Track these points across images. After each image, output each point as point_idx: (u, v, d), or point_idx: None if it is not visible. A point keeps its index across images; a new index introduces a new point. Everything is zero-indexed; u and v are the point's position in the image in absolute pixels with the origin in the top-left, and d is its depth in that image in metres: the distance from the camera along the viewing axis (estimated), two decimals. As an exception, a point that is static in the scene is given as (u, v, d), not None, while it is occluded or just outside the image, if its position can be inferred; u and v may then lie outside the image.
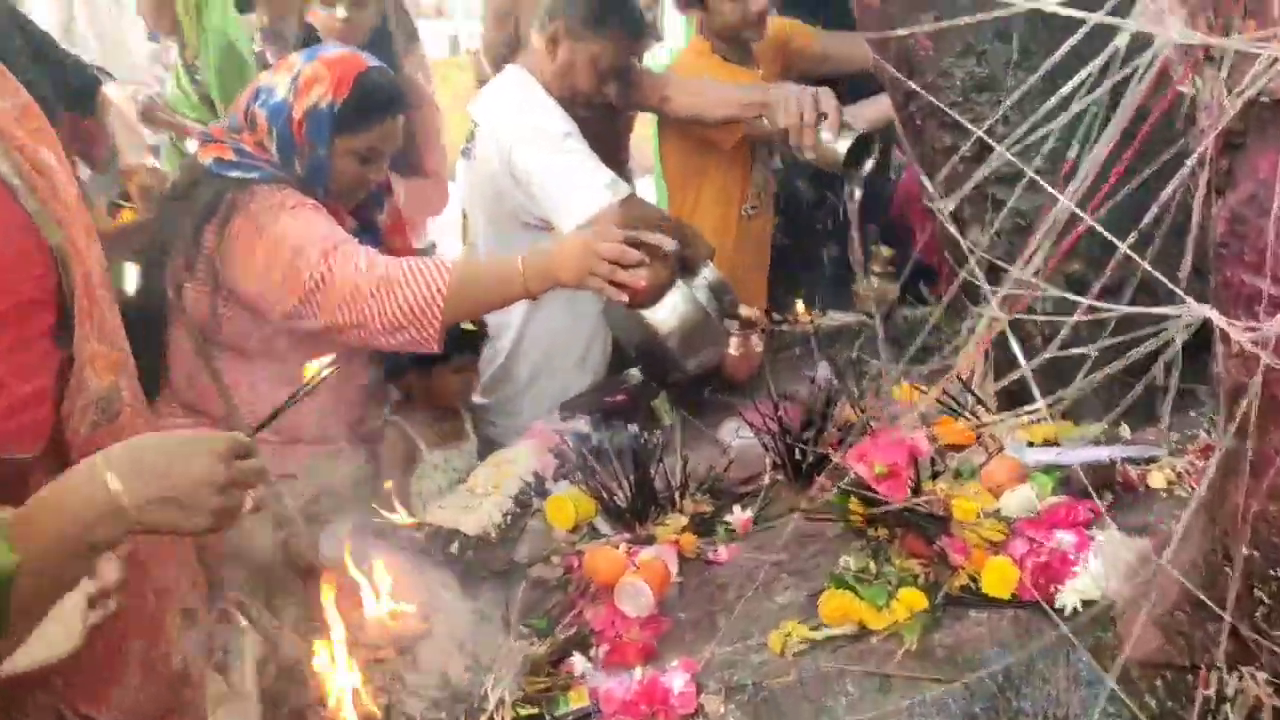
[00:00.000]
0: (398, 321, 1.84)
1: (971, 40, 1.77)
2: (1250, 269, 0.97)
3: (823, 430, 1.97)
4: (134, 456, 1.05)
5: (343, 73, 1.94)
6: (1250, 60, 0.93)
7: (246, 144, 1.96)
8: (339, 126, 1.93)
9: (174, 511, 1.05)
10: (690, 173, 2.83)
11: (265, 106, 1.95)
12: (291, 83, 1.94)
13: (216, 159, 1.96)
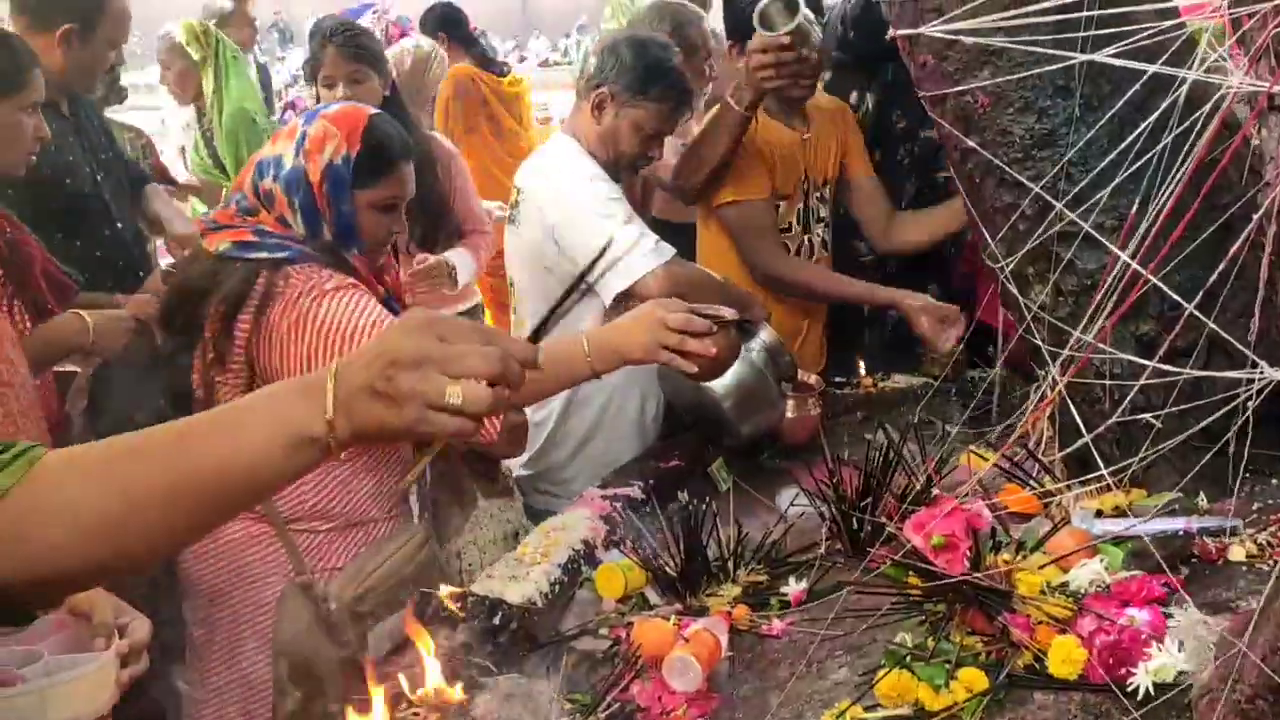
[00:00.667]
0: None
1: (1031, 97, 1.72)
2: (1326, 329, 0.90)
3: (880, 498, 1.89)
4: (356, 351, 0.95)
5: (350, 125, 1.91)
6: (1318, 107, 0.87)
7: (266, 224, 1.91)
8: (358, 179, 1.90)
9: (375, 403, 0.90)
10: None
11: (278, 179, 1.90)
12: (298, 148, 1.90)
13: (234, 243, 1.89)
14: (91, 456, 0.92)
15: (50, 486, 0.87)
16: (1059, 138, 1.70)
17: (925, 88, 1.88)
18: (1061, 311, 1.75)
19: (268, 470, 0.91)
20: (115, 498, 0.87)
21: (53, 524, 0.86)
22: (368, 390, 0.90)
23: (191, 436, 0.92)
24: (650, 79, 2.44)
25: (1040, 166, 1.73)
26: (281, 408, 0.92)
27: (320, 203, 1.90)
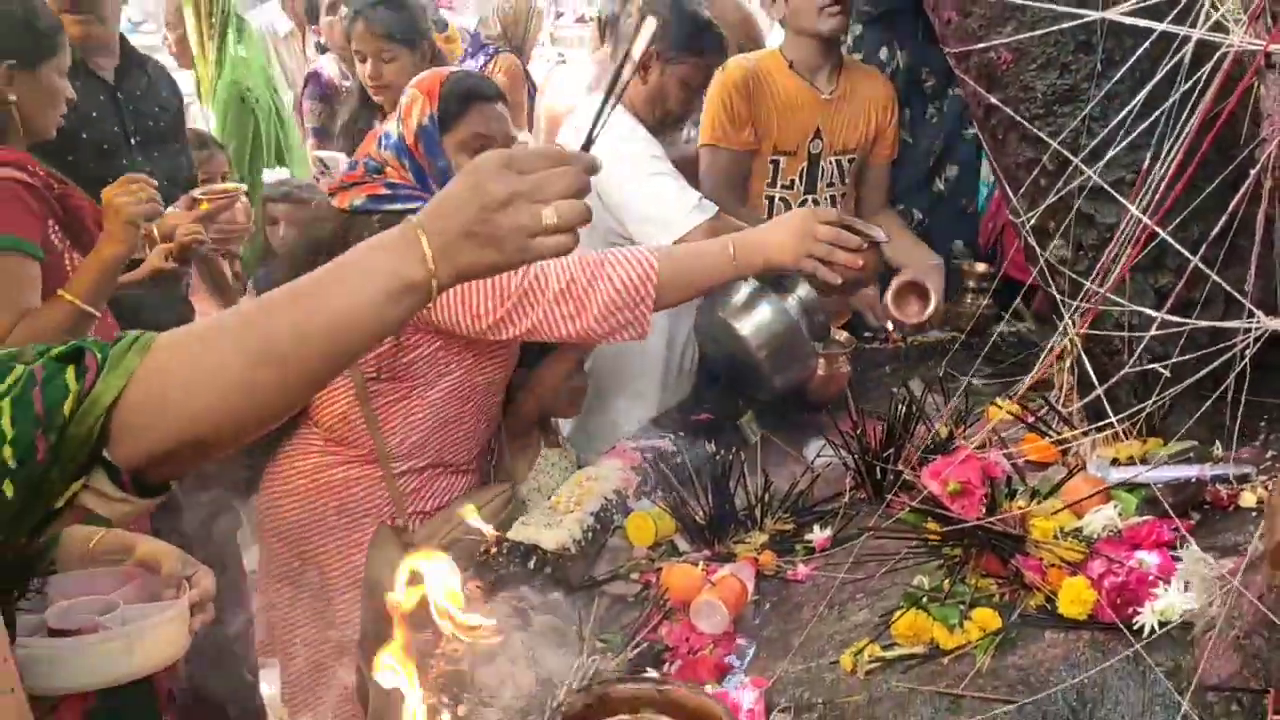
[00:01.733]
0: (614, 303, 1.88)
1: (1053, 53, 1.74)
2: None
3: (903, 448, 1.94)
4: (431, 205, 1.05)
5: (430, 86, 2.05)
6: (1312, 64, 0.91)
7: (395, 178, 2.03)
8: (442, 128, 2.01)
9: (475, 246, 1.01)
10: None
11: (389, 148, 2.04)
12: (398, 119, 2.05)
13: (369, 196, 2.01)
14: (205, 330, 1.02)
15: (174, 363, 0.96)
16: (1080, 93, 1.72)
17: (950, 44, 1.90)
18: (1081, 265, 1.77)
19: (376, 316, 1.01)
20: (235, 362, 0.96)
21: (180, 394, 0.95)
22: (465, 234, 1.00)
23: (303, 293, 1.01)
24: (692, 35, 2.49)
25: (1062, 122, 1.75)
26: (382, 260, 1.02)
27: (422, 162, 2.02)
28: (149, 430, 0.94)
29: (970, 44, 1.83)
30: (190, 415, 0.96)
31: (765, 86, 2.69)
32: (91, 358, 0.94)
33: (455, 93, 2.04)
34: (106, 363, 0.95)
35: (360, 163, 2.08)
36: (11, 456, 0.87)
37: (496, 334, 1.95)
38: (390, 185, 2.02)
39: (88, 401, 0.91)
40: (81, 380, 0.92)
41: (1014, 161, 1.86)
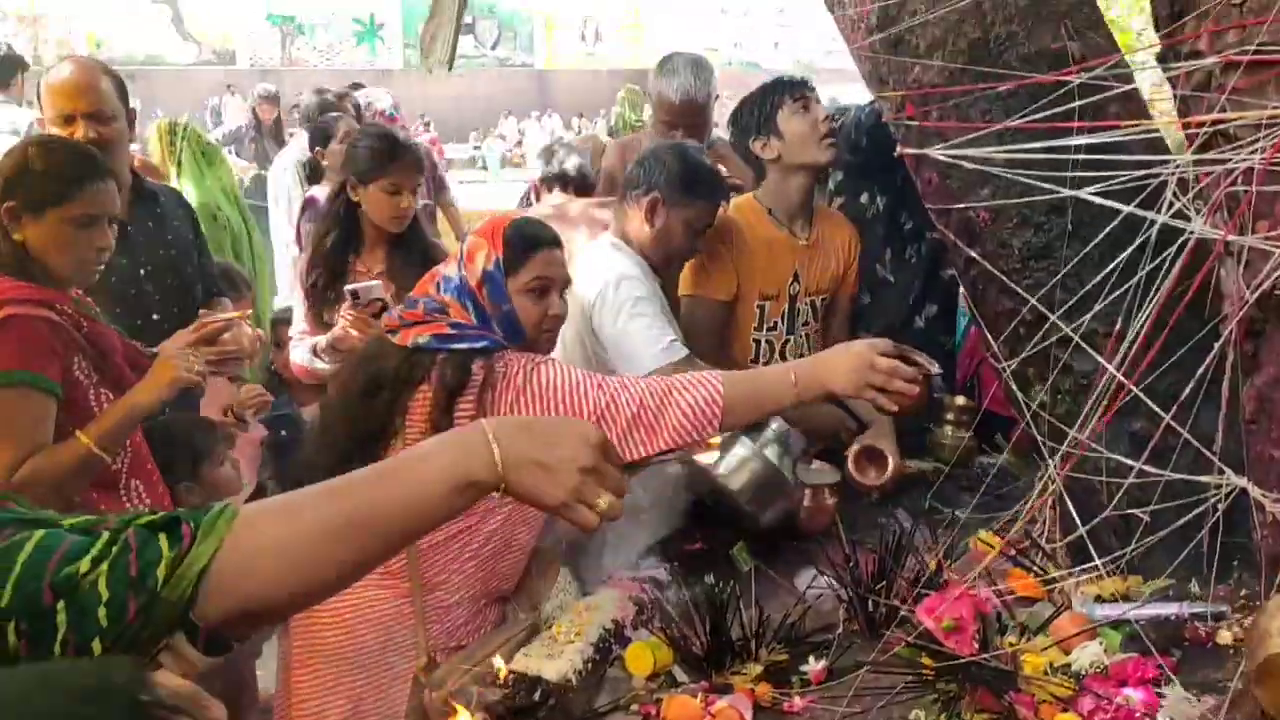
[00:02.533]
0: (683, 428, 1.98)
1: (1028, 213, 1.88)
2: (1278, 444, 1.04)
3: (894, 582, 2.01)
4: (518, 422, 1.21)
5: (493, 231, 2.14)
6: (1266, 255, 1.02)
7: (459, 318, 2.10)
8: (507, 272, 2.10)
9: (539, 476, 1.16)
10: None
11: (449, 291, 2.11)
12: (460, 262, 2.12)
13: (434, 335, 2.07)
14: (287, 505, 1.11)
15: (259, 533, 1.05)
16: (1054, 250, 1.86)
17: (931, 201, 2.05)
18: (1060, 409, 1.89)
19: (444, 505, 1.13)
20: (315, 534, 1.07)
21: (265, 561, 1.04)
22: (538, 464, 1.16)
23: (378, 478, 1.14)
24: (695, 181, 2.65)
25: (1037, 276, 1.88)
26: (453, 456, 1.14)
27: (486, 306, 2.10)
28: (231, 595, 1.02)
29: (950, 203, 1.97)
30: (272, 582, 1.05)
31: (746, 235, 2.84)
32: (188, 527, 1.03)
33: (523, 237, 2.14)
34: (199, 530, 1.03)
35: (420, 302, 2.14)
36: (105, 617, 0.94)
37: None
38: (455, 325, 2.09)
39: (183, 566, 1.00)
40: (176, 547, 1.01)
41: (993, 310, 1.99)
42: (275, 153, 8.89)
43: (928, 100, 1.91)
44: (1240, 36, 1.01)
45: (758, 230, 2.85)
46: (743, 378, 2.12)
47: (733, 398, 2.00)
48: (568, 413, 1.99)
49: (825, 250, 2.92)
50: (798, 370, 2.05)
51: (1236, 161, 1.02)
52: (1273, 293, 1.02)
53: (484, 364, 2.04)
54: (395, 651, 2.14)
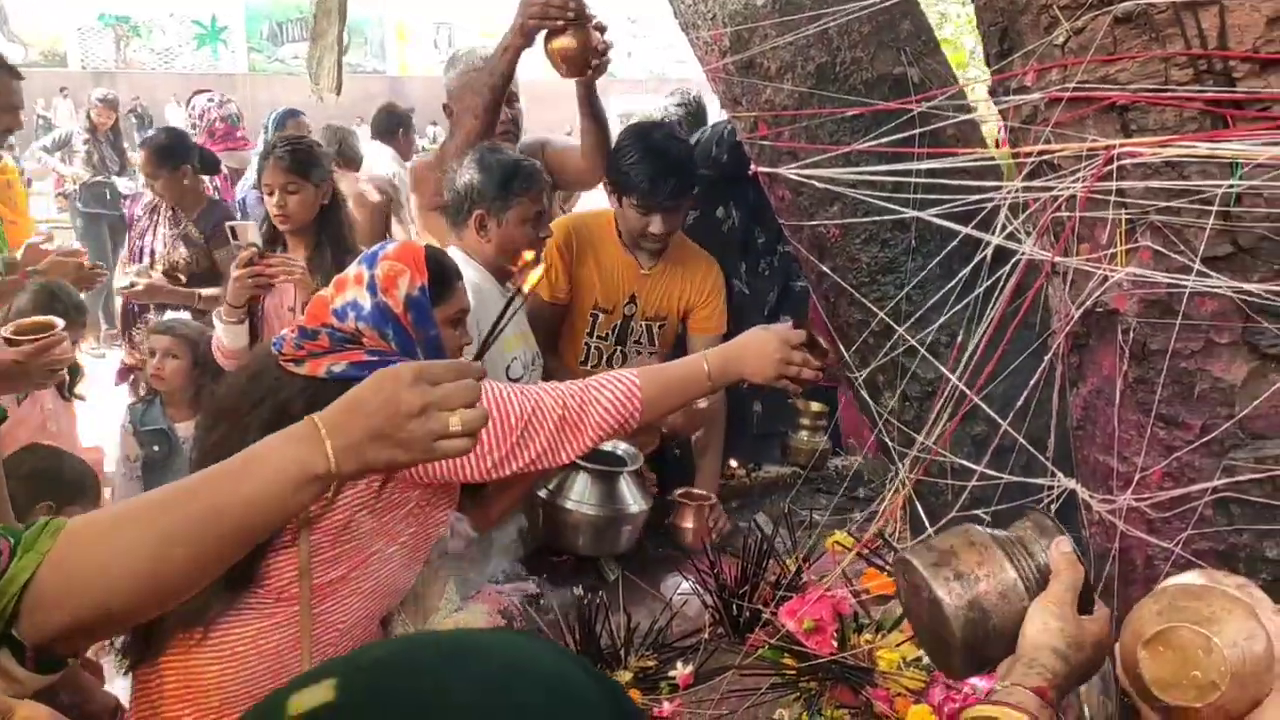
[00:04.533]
0: (605, 426, 2.02)
1: (874, 229, 1.98)
2: (1101, 449, 1.13)
3: (757, 586, 2.08)
4: (340, 404, 1.17)
5: (413, 258, 2.09)
6: (1088, 275, 1.11)
7: (373, 346, 2.04)
8: (435, 302, 2.07)
9: (383, 447, 1.14)
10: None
11: (362, 318, 2.04)
12: (372, 289, 2.05)
13: (351, 364, 2.01)
14: (118, 513, 1.09)
15: (86, 544, 1.03)
16: (899, 265, 1.96)
17: (784, 217, 2.13)
18: (908, 415, 1.98)
19: (282, 503, 1.11)
20: (149, 542, 1.04)
21: (96, 574, 1.02)
22: (374, 437, 1.14)
23: (210, 483, 1.11)
24: (509, 179, 2.65)
25: (884, 289, 1.98)
26: (291, 453, 1.12)
27: (409, 330, 2.05)
28: (58, 609, 1.00)
29: (801, 219, 2.05)
30: (102, 593, 1.02)
31: (590, 250, 2.90)
32: (5, 543, 1.00)
33: (444, 271, 2.13)
34: (19, 547, 1.00)
35: (322, 332, 2.05)
36: None
37: (499, 471, 2.02)
38: (373, 353, 2.03)
39: (1, 583, 0.97)
40: None
41: (845, 321, 2.08)
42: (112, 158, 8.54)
43: (779, 121, 1.99)
44: (1062, 75, 1.09)
45: (604, 248, 2.91)
46: (657, 371, 2.17)
47: (650, 391, 2.06)
48: (496, 423, 2.00)
49: (668, 282, 2.96)
50: (711, 360, 2.11)
51: (1060, 189, 1.10)
52: (1094, 310, 1.11)
53: None
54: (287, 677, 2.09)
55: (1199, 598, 0.92)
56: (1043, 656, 1.02)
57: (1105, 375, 1.13)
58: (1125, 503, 1.10)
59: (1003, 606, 1.08)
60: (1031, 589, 1.07)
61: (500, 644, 0.70)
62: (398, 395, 1.14)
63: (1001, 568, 1.09)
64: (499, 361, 2.63)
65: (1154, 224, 1.06)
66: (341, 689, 0.62)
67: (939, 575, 1.10)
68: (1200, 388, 1.06)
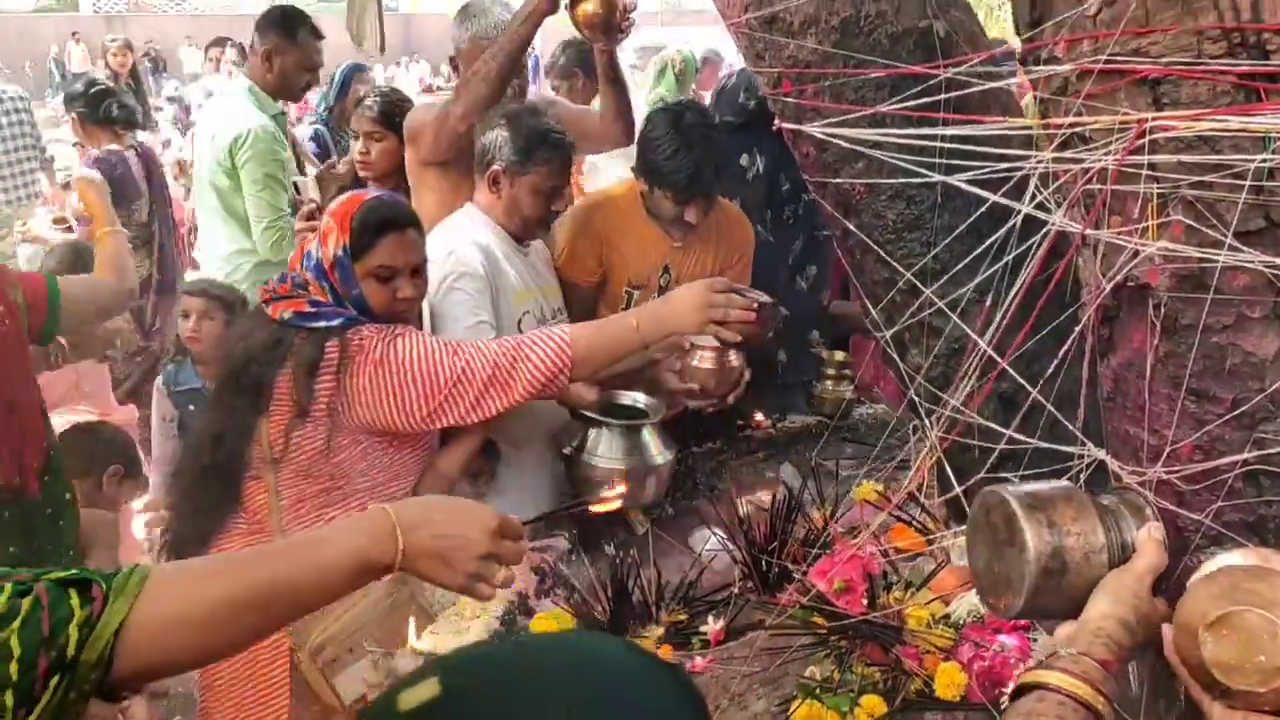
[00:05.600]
0: (536, 382, 2.11)
1: (900, 186, 1.96)
2: (1132, 421, 1.14)
3: (785, 542, 2.11)
4: (421, 511, 1.26)
5: (344, 214, 2.18)
6: (1119, 248, 1.11)
7: (318, 295, 2.16)
8: (354, 258, 2.15)
9: (438, 566, 1.25)
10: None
11: (310, 269, 2.17)
12: (319, 241, 2.18)
13: (295, 312, 2.15)
14: (199, 570, 1.18)
15: (170, 595, 1.09)
16: (925, 221, 1.94)
17: (808, 174, 2.11)
18: (934, 372, 1.98)
19: (340, 581, 1.21)
20: (223, 603, 1.11)
21: (173, 626, 1.09)
22: (435, 554, 1.25)
23: (283, 555, 1.21)
24: (532, 146, 2.63)
25: (910, 245, 1.97)
26: (359, 543, 1.22)
27: (338, 287, 2.16)
28: (141, 656, 1.06)
29: (826, 176, 2.04)
30: (179, 645, 1.09)
31: (618, 228, 2.86)
32: (99, 588, 1.06)
33: (367, 224, 2.16)
34: (111, 592, 1.06)
35: (289, 276, 2.20)
36: (16, 671, 0.96)
37: (430, 424, 2.13)
38: (313, 303, 2.15)
39: (98, 628, 1.03)
40: (88, 606, 1.04)
41: (871, 279, 2.07)
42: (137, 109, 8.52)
43: (803, 78, 1.96)
44: (1094, 46, 1.08)
45: (632, 222, 2.87)
46: (587, 328, 2.24)
47: (580, 348, 2.12)
48: (426, 380, 2.09)
49: (703, 249, 2.92)
50: (640, 315, 2.17)
51: (1091, 162, 1.09)
52: (1125, 284, 1.11)
53: (337, 341, 2.11)
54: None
55: (1262, 579, 0.93)
56: (1110, 627, 1.04)
57: (1136, 348, 1.13)
58: (1156, 474, 1.10)
59: (1082, 567, 1.10)
60: (1113, 560, 1.10)
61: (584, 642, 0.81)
62: (476, 536, 1.27)
63: (1094, 530, 1.11)
64: (509, 314, 2.65)
65: (1186, 198, 1.05)
66: (444, 684, 0.69)
67: (1032, 517, 1.12)
68: (1231, 362, 1.06)
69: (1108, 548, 1.10)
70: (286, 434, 2.13)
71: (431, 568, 1.25)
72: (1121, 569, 1.09)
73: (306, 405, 2.11)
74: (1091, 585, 1.09)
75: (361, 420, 2.15)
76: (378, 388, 2.11)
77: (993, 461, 1.71)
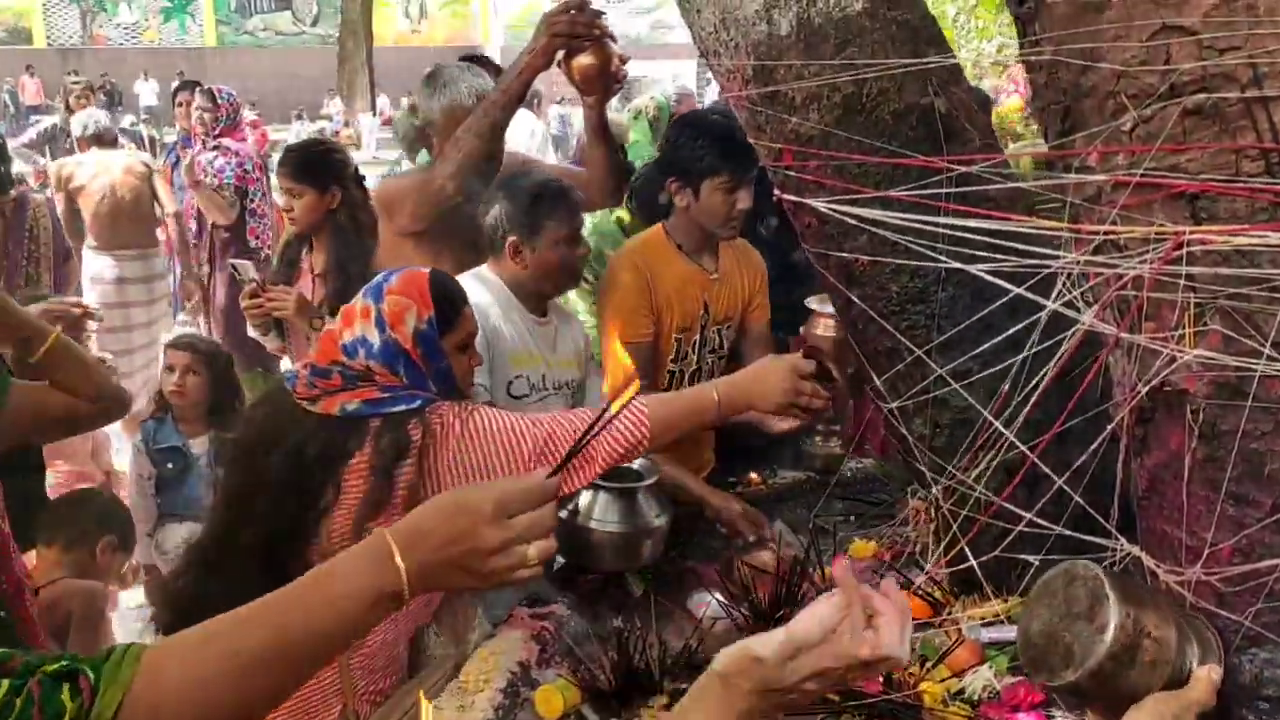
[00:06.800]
0: (616, 454, 2.07)
1: (904, 260, 1.99)
2: (1169, 522, 1.16)
3: (791, 608, 2.11)
4: (413, 528, 1.15)
5: (419, 290, 2.11)
6: (1154, 352, 1.13)
7: (388, 382, 2.06)
8: (442, 332, 2.10)
9: (456, 575, 1.14)
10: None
11: (372, 356, 2.05)
12: (380, 325, 2.07)
13: (365, 401, 2.04)
14: (196, 641, 1.08)
15: (168, 675, 1.03)
16: (930, 294, 1.97)
17: (810, 244, 2.13)
18: (939, 441, 2.01)
19: (354, 621, 1.12)
20: (227, 671, 1.04)
21: (173, 705, 1.02)
22: (450, 565, 1.13)
23: (285, 604, 1.10)
24: (538, 204, 2.64)
25: (914, 318, 1.99)
26: (363, 574, 1.12)
27: (420, 364, 2.08)
28: None
29: (829, 248, 2.06)
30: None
31: (659, 274, 2.85)
32: (85, 679, 1.00)
33: (451, 295, 2.15)
34: (101, 681, 1.01)
35: (334, 370, 2.08)
36: None
37: None
38: (386, 389, 2.06)
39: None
40: (77, 699, 0.99)
41: (874, 348, 2.09)
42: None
43: (804, 155, 1.99)
44: (1129, 160, 1.11)
45: (672, 266, 2.87)
46: (667, 399, 2.19)
47: (658, 419, 2.08)
48: (509, 453, 2.03)
49: (732, 280, 2.96)
50: (720, 389, 2.14)
51: (1127, 268, 1.12)
52: (1161, 387, 1.13)
53: (418, 423, 2.04)
54: (320, 700, 2.12)
55: None
56: None
57: (1173, 450, 1.15)
58: (1196, 575, 1.12)
59: (1143, 673, 1.11)
60: (1170, 681, 1.11)
61: None
62: (477, 532, 1.14)
63: (1169, 645, 1.12)
64: (501, 376, 2.64)
65: (1223, 308, 1.08)
66: None
67: (1122, 609, 1.12)
68: (1270, 467, 1.09)
69: (1172, 666, 1.11)
70: (357, 528, 2.01)
71: (449, 580, 1.16)
72: (1171, 694, 1.10)
73: (386, 496, 2.00)
74: (1139, 693, 1.10)
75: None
76: (462, 464, 2.03)
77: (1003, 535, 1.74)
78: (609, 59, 2.79)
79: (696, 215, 2.82)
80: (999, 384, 1.61)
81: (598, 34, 2.74)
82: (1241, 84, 1.02)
